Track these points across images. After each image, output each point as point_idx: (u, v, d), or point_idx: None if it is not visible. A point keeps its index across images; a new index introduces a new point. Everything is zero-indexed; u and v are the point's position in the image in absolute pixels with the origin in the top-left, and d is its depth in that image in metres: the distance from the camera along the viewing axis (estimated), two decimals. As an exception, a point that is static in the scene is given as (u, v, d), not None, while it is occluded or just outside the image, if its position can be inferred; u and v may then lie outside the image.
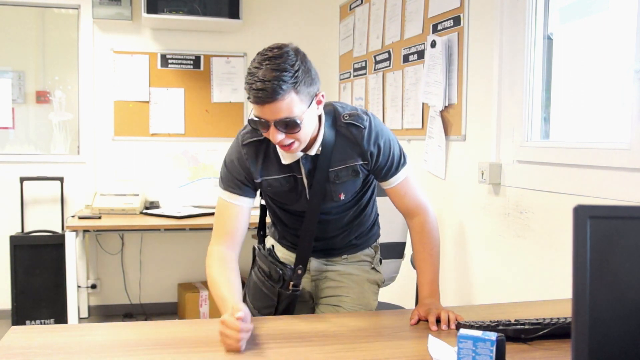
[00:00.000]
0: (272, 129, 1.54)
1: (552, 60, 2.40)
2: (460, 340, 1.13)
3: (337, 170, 1.72)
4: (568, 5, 2.35)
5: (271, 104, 1.50)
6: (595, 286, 0.95)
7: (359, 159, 1.72)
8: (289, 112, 1.51)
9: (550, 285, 2.21)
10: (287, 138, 1.56)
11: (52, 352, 1.34)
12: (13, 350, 1.35)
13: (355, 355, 1.36)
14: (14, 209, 4.33)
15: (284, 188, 1.75)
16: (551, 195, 2.22)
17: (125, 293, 4.58)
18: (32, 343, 1.40)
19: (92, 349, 1.38)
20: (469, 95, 2.76)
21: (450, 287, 2.95)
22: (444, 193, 3.00)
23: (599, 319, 0.95)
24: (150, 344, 1.42)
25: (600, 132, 2.21)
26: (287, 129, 1.53)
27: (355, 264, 1.99)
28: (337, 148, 1.71)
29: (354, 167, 1.73)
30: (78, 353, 1.35)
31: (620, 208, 1.08)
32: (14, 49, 4.44)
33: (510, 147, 2.50)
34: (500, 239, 2.55)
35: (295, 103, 1.52)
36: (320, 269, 1.97)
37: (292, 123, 1.52)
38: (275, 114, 1.51)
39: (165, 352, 1.36)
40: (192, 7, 4.25)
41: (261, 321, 1.77)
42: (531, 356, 1.34)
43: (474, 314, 1.67)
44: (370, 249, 2.03)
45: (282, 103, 1.50)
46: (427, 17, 3.12)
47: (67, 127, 4.52)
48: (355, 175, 1.74)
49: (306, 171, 1.72)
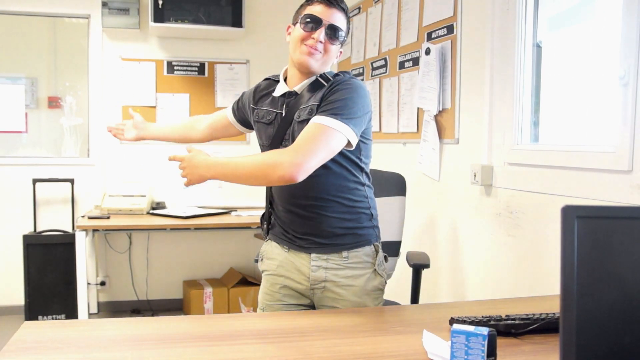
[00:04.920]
0: (323, 28, 1.72)
1: (541, 66, 2.40)
2: (454, 335, 1.13)
3: (301, 110, 1.75)
4: (556, 14, 2.35)
5: (335, 9, 1.74)
6: (582, 283, 0.95)
7: (319, 100, 1.71)
8: (340, 25, 1.75)
9: (540, 282, 2.21)
10: (323, 44, 1.73)
11: (63, 346, 1.34)
12: (26, 344, 1.35)
13: (353, 350, 1.36)
14: (26, 209, 4.34)
15: (265, 120, 1.84)
16: (540, 196, 2.22)
17: (133, 290, 4.58)
18: (44, 337, 1.40)
19: (102, 343, 1.38)
20: (462, 100, 2.77)
21: (443, 283, 2.95)
22: (438, 194, 3.00)
23: (586, 314, 0.96)
24: (156, 338, 1.42)
25: (587, 136, 2.21)
26: (331, 35, 1.73)
27: (356, 267, 1.81)
28: (313, 95, 1.75)
29: (312, 106, 1.71)
30: (88, 347, 1.35)
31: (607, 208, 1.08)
32: (27, 56, 4.44)
33: (501, 150, 2.50)
34: (491, 238, 2.55)
35: (343, 26, 1.77)
36: (318, 278, 1.80)
37: (338, 32, 1.74)
38: (332, 18, 1.73)
39: (171, 346, 1.36)
40: (197, 16, 4.26)
41: (263, 317, 1.77)
42: (521, 350, 1.34)
43: (467, 310, 1.67)
44: (371, 248, 1.85)
45: (341, 14, 1.75)
46: (421, 26, 3.13)
47: (77, 131, 4.52)
48: (311, 114, 1.69)
49: (286, 107, 1.79)
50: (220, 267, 4.73)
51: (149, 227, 3.90)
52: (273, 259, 1.90)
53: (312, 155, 1.58)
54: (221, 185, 4.62)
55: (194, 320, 1.77)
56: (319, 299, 1.84)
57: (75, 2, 4.38)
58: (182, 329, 1.52)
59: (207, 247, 4.67)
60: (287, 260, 1.86)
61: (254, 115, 1.89)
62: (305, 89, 1.78)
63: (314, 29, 1.72)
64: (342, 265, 1.81)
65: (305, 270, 1.82)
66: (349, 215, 1.80)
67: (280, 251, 1.88)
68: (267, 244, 1.95)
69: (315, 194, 1.76)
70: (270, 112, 1.82)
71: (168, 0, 4.20)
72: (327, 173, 1.74)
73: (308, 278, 1.82)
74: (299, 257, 1.83)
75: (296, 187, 1.67)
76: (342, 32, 1.75)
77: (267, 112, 1.83)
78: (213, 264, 4.73)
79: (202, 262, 4.71)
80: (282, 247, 1.88)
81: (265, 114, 1.84)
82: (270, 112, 1.82)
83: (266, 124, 1.83)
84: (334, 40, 1.74)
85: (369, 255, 1.84)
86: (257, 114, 1.87)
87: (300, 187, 1.67)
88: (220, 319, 1.70)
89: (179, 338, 1.43)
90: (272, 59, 4.52)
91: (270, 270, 1.90)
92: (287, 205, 1.83)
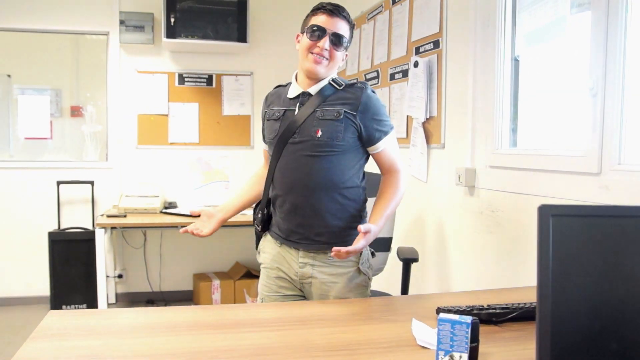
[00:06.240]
0: (327, 37, 1.74)
1: (519, 78, 2.40)
2: (440, 323, 1.13)
3: (324, 110, 1.76)
4: (532, 31, 2.35)
5: (337, 18, 1.75)
6: (556, 275, 0.96)
7: (347, 107, 1.75)
8: (344, 33, 1.77)
9: (518, 274, 2.21)
10: (328, 51, 1.75)
11: (85, 333, 1.34)
12: (52, 330, 1.35)
13: (348, 337, 1.35)
14: (51, 208, 4.33)
15: (275, 117, 1.84)
16: (518, 196, 2.22)
17: (148, 282, 4.57)
18: (68, 325, 1.40)
19: (119, 331, 1.38)
20: (447, 108, 2.77)
21: (431, 276, 2.95)
22: (426, 194, 3.00)
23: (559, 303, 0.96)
24: (169, 326, 1.42)
25: (560, 141, 2.21)
26: (335, 42, 1.75)
27: (340, 265, 1.80)
28: (331, 97, 1.78)
29: (339, 110, 1.74)
30: (107, 334, 1.35)
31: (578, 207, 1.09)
32: (52, 70, 4.45)
33: (483, 154, 2.50)
34: (474, 234, 2.55)
35: (346, 33, 1.78)
36: (305, 274, 1.80)
37: (341, 39, 1.76)
38: (336, 27, 1.75)
39: (182, 333, 1.36)
40: (205, 32, 4.26)
41: (264, 307, 1.77)
42: (501, 336, 1.34)
43: (452, 300, 1.67)
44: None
45: (343, 22, 1.77)
46: (410, 41, 3.13)
47: (97, 137, 4.52)
48: (338, 116, 1.73)
49: (300, 105, 1.79)
50: (227, 261, 4.73)
51: (162, 224, 3.90)
52: (268, 253, 1.90)
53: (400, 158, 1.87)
54: (227, 187, 4.63)
55: (203, 309, 1.77)
56: (308, 292, 1.85)
57: (95, 20, 4.39)
58: (192, 318, 1.51)
59: (214, 243, 4.66)
60: (279, 254, 1.86)
61: (267, 115, 1.90)
62: (319, 91, 1.80)
63: (320, 37, 1.74)
64: (327, 263, 1.80)
65: (295, 266, 1.83)
66: (340, 214, 1.79)
67: (274, 245, 1.89)
68: (264, 239, 1.95)
69: (317, 183, 1.75)
70: (280, 110, 1.85)
71: (179, 18, 4.20)
72: (333, 165, 1.75)
73: (296, 273, 1.83)
74: (289, 253, 1.84)
75: (294, 179, 1.75)
76: (345, 38, 1.77)
77: (277, 110, 1.86)
78: (220, 258, 4.72)
79: (211, 256, 4.70)
80: (276, 242, 1.88)
81: (275, 112, 1.86)
82: (280, 110, 1.85)
83: (274, 120, 1.85)
84: (338, 47, 1.77)
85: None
86: (269, 114, 1.89)
87: (305, 175, 1.74)
88: (227, 309, 1.70)
89: (189, 326, 1.43)
90: (274, 70, 4.52)
91: (266, 263, 1.90)
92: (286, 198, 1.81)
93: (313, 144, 1.74)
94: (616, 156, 1.79)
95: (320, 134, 1.73)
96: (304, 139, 1.75)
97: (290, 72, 1.90)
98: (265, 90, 2.08)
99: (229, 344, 1.29)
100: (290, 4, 4.61)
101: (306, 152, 1.75)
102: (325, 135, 1.73)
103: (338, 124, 1.73)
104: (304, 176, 1.74)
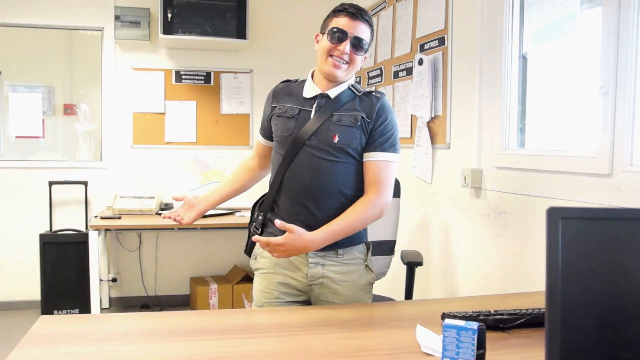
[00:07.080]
0: (348, 41, 1.75)
1: (526, 76, 2.41)
2: (445, 329, 1.13)
3: (342, 115, 1.78)
4: (540, 28, 2.35)
5: (359, 21, 1.75)
6: (566, 280, 0.95)
7: (364, 114, 1.78)
8: (364, 36, 1.77)
9: (526, 279, 2.21)
10: (348, 55, 1.75)
11: (77, 339, 1.34)
12: (42, 337, 1.35)
13: (350, 344, 1.35)
14: (43, 209, 4.33)
15: (288, 115, 1.83)
16: (527, 198, 2.22)
17: (143, 286, 4.57)
18: (59, 330, 1.39)
19: (113, 337, 1.38)
20: (453, 107, 2.77)
21: (436, 280, 2.95)
22: (431, 196, 3.00)
23: (570, 309, 0.95)
24: (164, 332, 1.42)
25: (570, 141, 2.21)
26: (356, 46, 1.76)
27: (350, 264, 1.84)
28: (349, 103, 1.80)
29: (357, 116, 1.78)
30: (100, 340, 1.34)
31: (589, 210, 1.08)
32: (44, 66, 4.44)
33: (490, 154, 2.50)
34: (481, 238, 2.55)
35: (367, 37, 1.78)
36: (316, 275, 1.81)
37: (362, 42, 1.77)
38: (357, 30, 1.75)
39: (178, 340, 1.36)
40: (203, 28, 4.26)
41: (265, 312, 1.77)
42: (509, 343, 1.34)
43: (458, 306, 1.67)
44: (363, 245, 1.88)
45: (365, 26, 1.77)
46: (415, 38, 3.13)
47: (91, 136, 4.52)
48: (355, 123, 1.77)
49: (317, 106, 1.80)
50: (225, 265, 4.72)
51: (157, 227, 3.90)
52: (269, 257, 1.85)
53: (391, 190, 1.81)
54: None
55: (200, 315, 1.77)
56: (317, 294, 1.83)
57: (89, 15, 4.39)
58: (189, 323, 1.51)
59: (212, 246, 4.66)
60: (284, 259, 1.83)
61: (276, 111, 1.88)
62: (337, 95, 1.81)
63: (341, 40, 1.75)
64: (338, 262, 1.82)
65: (303, 268, 1.81)
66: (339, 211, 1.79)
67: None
68: None
69: (332, 188, 1.78)
70: (294, 108, 1.84)
71: (176, 14, 4.20)
72: (348, 171, 1.79)
73: (306, 275, 1.81)
74: (297, 255, 1.81)
75: (309, 182, 1.77)
76: (366, 42, 1.78)
77: (291, 107, 1.84)
78: (218, 261, 4.72)
79: (208, 260, 4.70)
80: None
81: (288, 109, 1.84)
82: (294, 108, 1.84)
83: (288, 117, 1.84)
84: (359, 51, 1.78)
85: (361, 252, 1.87)
86: (279, 110, 1.87)
87: (320, 179, 1.76)
88: (225, 314, 1.69)
89: (186, 332, 1.43)
90: (273, 68, 4.52)
91: (265, 269, 1.88)
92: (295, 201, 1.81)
93: (330, 149, 1.77)
94: (628, 157, 1.78)
95: (337, 139, 1.76)
96: (321, 142, 1.78)
97: (291, 70, 1.91)
98: (265, 88, 2.08)
99: (227, 350, 1.29)
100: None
101: (323, 156, 1.78)
102: (342, 141, 1.77)
103: (355, 130, 1.77)
104: (319, 180, 1.77)
